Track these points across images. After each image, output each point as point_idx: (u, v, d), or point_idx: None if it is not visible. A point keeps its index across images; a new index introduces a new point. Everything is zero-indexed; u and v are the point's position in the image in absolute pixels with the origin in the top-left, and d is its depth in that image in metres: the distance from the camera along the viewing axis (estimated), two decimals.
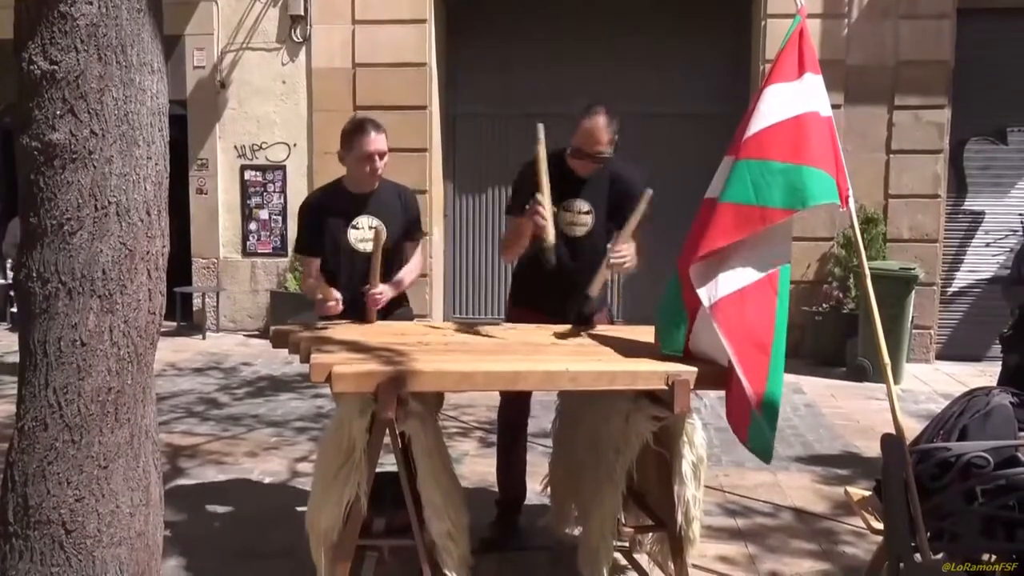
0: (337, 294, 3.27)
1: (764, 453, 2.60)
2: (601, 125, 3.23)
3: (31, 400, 2.14)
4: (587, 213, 3.39)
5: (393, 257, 3.42)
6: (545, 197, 3.11)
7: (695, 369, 2.63)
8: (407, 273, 3.52)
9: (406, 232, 3.51)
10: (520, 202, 3.31)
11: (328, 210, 3.40)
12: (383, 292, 3.29)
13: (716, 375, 2.64)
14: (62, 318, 2.11)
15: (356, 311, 3.33)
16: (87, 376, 2.13)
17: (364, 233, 3.37)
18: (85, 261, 2.11)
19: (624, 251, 3.17)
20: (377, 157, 3.30)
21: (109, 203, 2.13)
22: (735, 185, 2.59)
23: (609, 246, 3.28)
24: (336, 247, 3.39)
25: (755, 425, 2.54)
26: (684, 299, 2.71)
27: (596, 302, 3.35)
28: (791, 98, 2.59)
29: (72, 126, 2.08)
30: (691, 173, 8.57)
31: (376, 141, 3.29)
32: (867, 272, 2.69)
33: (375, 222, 3.37)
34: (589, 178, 3.37)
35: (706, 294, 2.60)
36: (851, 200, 2.63)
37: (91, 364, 2.13)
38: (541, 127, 3.18)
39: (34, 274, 2.12)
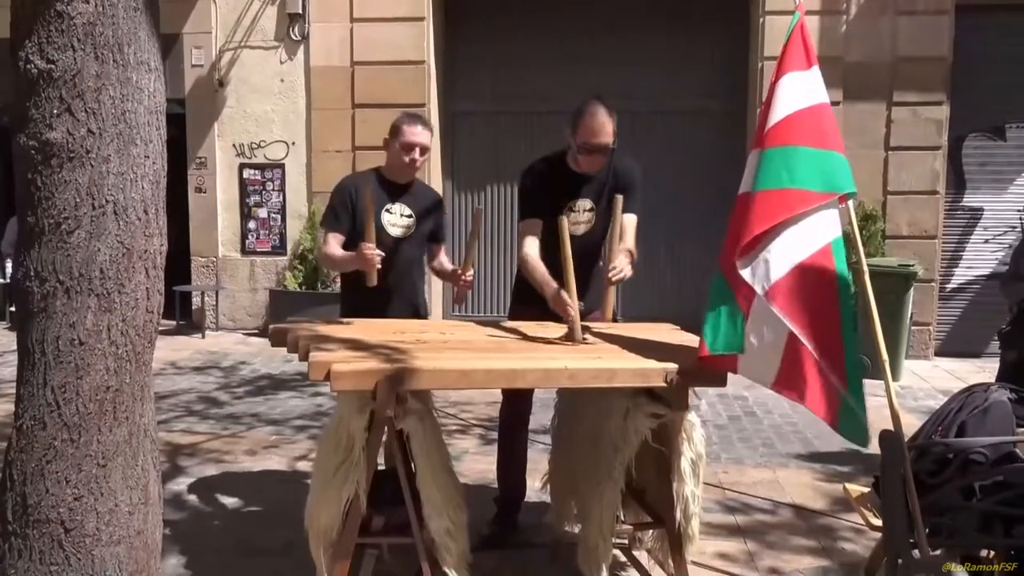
0: (372, 247, 3.27)
1: (860, 437, 2.41)
2: (604, 117, 3.25)
3: (29, 399, 2.14)
4: (589, 211, 3.41)
5: (417, 253, 3.58)
6: (571, 292, 3.04)
7: (695, 367, 2.63)
8: (448, 267, 3.71)
9: (434, 234, 3.66)
10: (535, 208, 3.35)
11: (364, 191, 3.40)
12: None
13: (716, 372, 2.64)
14: (60, 317, 2.11)
15: (371, 300, 3.40)
16: (85, 375, 2.13)
17: (396, 219, 3.49)
18: (83, 260, 2.11)
19: (619, 266, 3.18)
20: (418, 149, 3.44)
21: (107, 202, 2.13)
22: (766, 173, 2.52)
23: (601, 263, 3.31)
24: (366, 227, 3.37)
25: (845, 408, 2.39)
26: (736, 296, 2.54)
27: (594, 302, 3.36)
28: (805, 87, 2.58)
29: (69, 125, 2.08)
30: (690, 170, 8.61)
31: (422, 134, 3.45)
32: (865, 269, 2.69)
33: (407, 211, 3.51)
34: (595, 176, 3.38)
35: (759, 282, 2.47)
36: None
37: (89, 363, 2.13)
38: (564, 220, 3.08)
39: (32, 273, 2.12)
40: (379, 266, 3.30)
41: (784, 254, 2.46)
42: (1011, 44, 7.78)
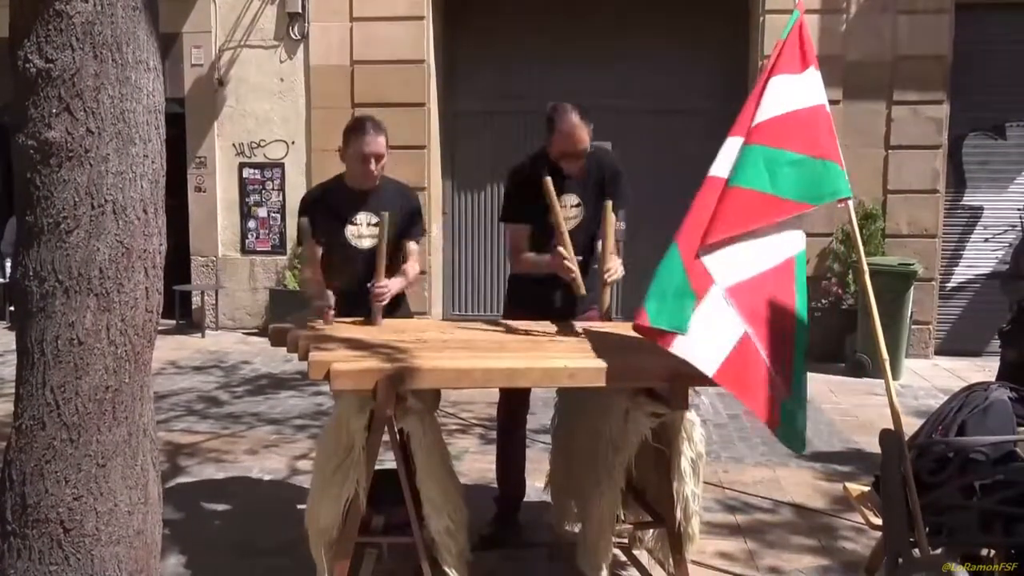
0: (331, 298, 3.21)
1: (797, 443, 2.53)
2: (578, 123, 3.26)
3: (29, 399, 2.14)
4: (577, 206, 3.42)
5: (393, 256, 3.37)
6: (569, 251, 3.14)
7: (695, 366, 2.62)
8: (409, 271, 3.46)
9: (406, 232, 3.47)
10: (516, 208, 3.41)
11: (327, 205, 3.36)
12: (388, 287, 3.22)
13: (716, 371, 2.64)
14: (59, 317, 2.11)
15: (357, 308, 3.29)
16: (84, 375, 2.13)
17: (362, 230, 3.35)
18: (82, 260, 2.11)
19: (612, 267, 3.28)
20: (373, 159, 3.27)
21: (106, 201, 2.12)
22: (747, 170, 2.56)
23: (595, 267, 3.35)
24: (333, 243, 3.36)
25: (786, 416, 2.49)
26: (689, 278, 2.56)
27: (589, 300, 3.40)
28: (797, 90, 2.59)
29: (68, 124, 2.08)
30: (689, 169, 8.58)
31: (373, 143, 3.26)
32: (865, 268, 2.69)
33: (374, 219, 3.32)
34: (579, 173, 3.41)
35: (720, 276, 2.52)
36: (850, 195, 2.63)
37: (88, 363, 2.13)
38: (548, 180, 3.15)
39: (31, 273, 2.12)
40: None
41: (751, 258, 2.53)
42: (1011, 43, 7.78)
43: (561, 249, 3.16)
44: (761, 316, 2.49)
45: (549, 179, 3.15)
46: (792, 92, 2.59)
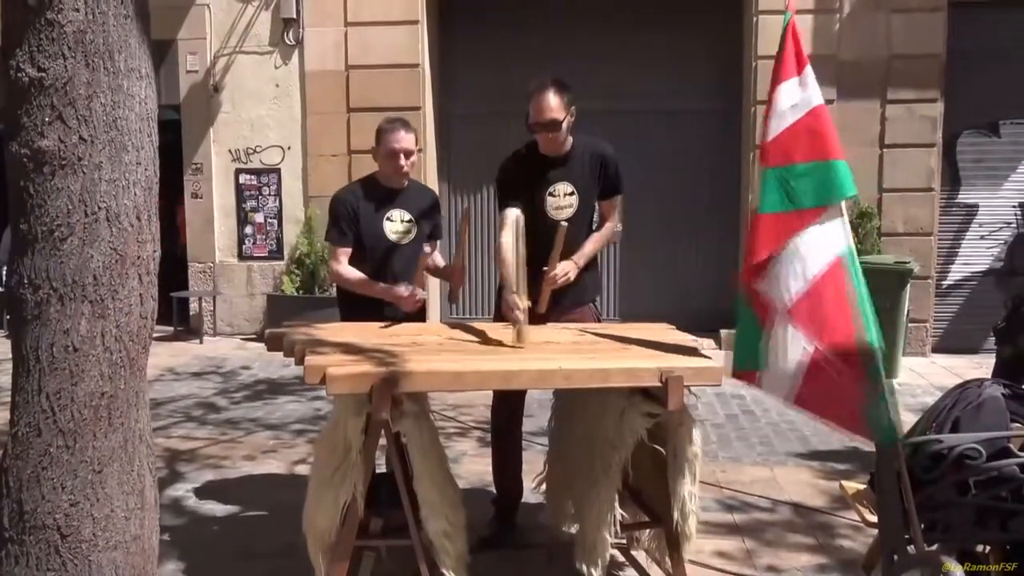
0: (404, 289, 3.39)
1: (888, 436, 2.40)
2: (548, 94, 3.36)
3: (24, 406, 2.15)
4: (571, 195, 3.46)
5: (416, 253, 3.54)
6: (522, 297, 3.05)
7: (689, 366, 2.64)
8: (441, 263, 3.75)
9: (431, 233, 3.67)
10: (509, 195, 3.43)
11: (362, 201, 3.50)
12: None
13: (712, 371, 2.66)
14: (54, 324, 2.12)
15: (378, 304, 3.43)
16: (80, 381, 2.14)
17: (396, 225, 3.51)
18: (76, 267, 2.12)
19: (560, 272, 3.31)
20: (403, 155, 3.45)
21: (99, 209, 2.13)
22: (769, 195, 2.62)
23: (545, 268, 3.32)
24: (371, 238, 3.48)
25: (871, 417, 2.41)
26: (756, 312, 2.63)
27: (585, 294, 3.48)
28: (800, 94, 2.61)
29: (61, 133, 2.09)
30: (685, 169, 8.62)
31: (403, 140, 3.45)
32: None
33: (407, 216, 3.52)
34: (569, 159, 3.46)
35: (778, 300, 2.56)
36: None
37: (84, 369, 2.14)
38: (512, 212, 3.23)
39: (25, 280, 2.13)
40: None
41: (796, 273, 2.54)
42: (1004, 40, 7.80)
43: (514, 298, 3.03)
44: (825, 325, 2.48)
45: (514, 214, 3.21)
46: (795, 98, 2.62)
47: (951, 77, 7.77)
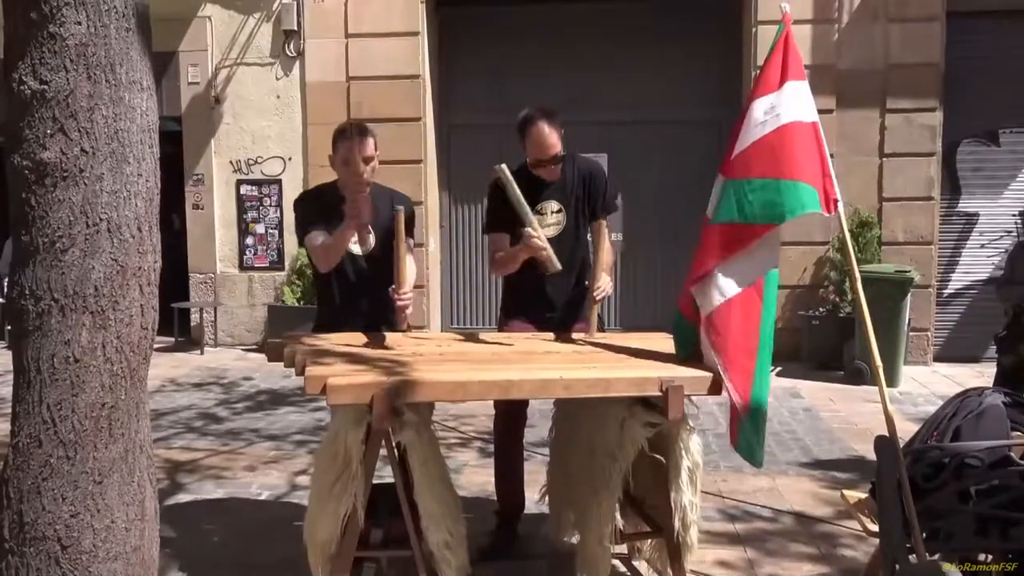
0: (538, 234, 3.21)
1: (752, 457, 2.63)
2: (545, 130, 3.33)
3: (25, 417, 2.15)
4: (558, 212, 3.46)
5: (384, 262, 3.23)
6: (536, 229, 3.16)
7: (690, 375, 2.64)
8: (410, 275, 3.28)
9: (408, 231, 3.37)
10: (497, 219, 3.44)
11: (322, 205, 3.24)
12: (410, 295, 3.11)
13: (713, 381, 2.66)
14: (55, 335, 2.12)
15: (356, 319, 3.26)
16: (81, 392, 2.14)
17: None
18: (77, 278, 2.13)
19: (603, 286, 3.33)
20: (362, 162, 3.16)
21: (100, 220, 2.14)
22: (723, 205, 2.69)
23: (587, 283, 3.39)
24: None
25: (742, 430, 2.59)
26: (683, 312, 2.83)
27: (586, 307, 3.46)
28: (772, 111, 2.63)
29: (63, 145, 2.10)
30: (683, 179, 8.62)
31: (359, 146, 3.17)
32: (858, 275, 2.72)
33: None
34: (559, 178, 3.47)
35: (703, 309, 2.71)
36: (840, 204, 2.65)
37: (84, 380, 2.14)
38: (504, 167, 3.19)
39: (27, 292, 2.14)
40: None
41: (723, 287, 2.67)
42: (1003, 49, 7.82)
43: (528, 229, 3.14)
44: (727, 338, 2.62)
45: (503, 166, 3.16)
46: (766, 114, 2.64)
47: (950, 86, 7.79)
